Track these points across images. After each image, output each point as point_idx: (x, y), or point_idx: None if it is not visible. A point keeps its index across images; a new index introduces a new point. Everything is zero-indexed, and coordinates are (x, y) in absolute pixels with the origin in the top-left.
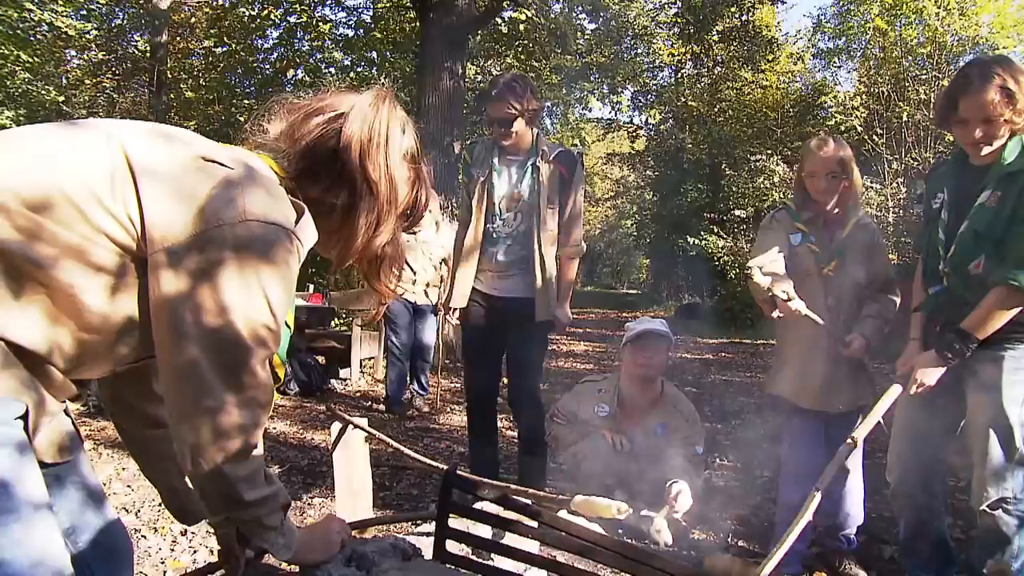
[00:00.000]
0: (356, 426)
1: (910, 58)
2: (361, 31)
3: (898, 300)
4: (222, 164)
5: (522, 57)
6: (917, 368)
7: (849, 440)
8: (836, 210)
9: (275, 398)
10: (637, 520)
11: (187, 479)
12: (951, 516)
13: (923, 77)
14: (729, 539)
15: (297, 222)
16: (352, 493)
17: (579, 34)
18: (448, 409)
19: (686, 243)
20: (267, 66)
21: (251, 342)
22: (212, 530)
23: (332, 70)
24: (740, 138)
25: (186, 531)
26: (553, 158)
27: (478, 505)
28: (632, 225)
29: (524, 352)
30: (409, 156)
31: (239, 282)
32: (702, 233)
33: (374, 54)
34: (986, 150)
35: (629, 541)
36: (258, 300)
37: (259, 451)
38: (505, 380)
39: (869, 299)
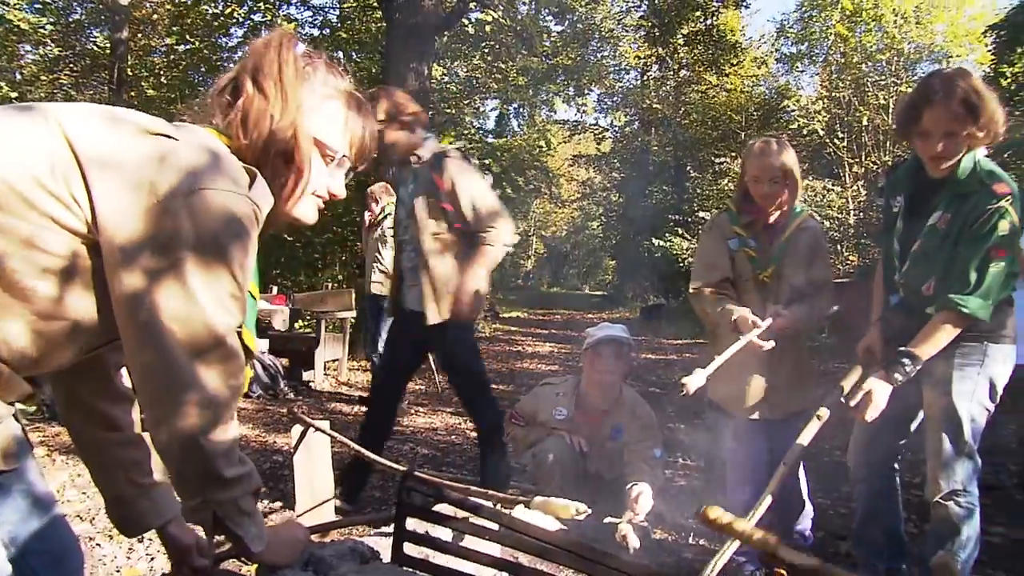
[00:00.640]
0: (318, 429)
1: (869, 64)
2: (327, 31)
3: (832, 305)
4: (169, 136)
5: (488, 58)
6: (872, 391)
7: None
8: (777, 214)
9: (246, 379)
10: (601, 526)
11: (150, 473)
12: (905, 511)
13: (882, 82)
14: (691, 538)
15: (251, 187)
16: (314, 496)
17: (545, 36)
18: (412, 411)
19: (651, 244)
20: (231, 64)
21: (217, 313)
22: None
23: None
24: (705, 140)
25: (143, 538)
26: (426, 162)
27: (440, 507)
28: (598, 227)
29: (444, 356)
30: (332, 94)
31: (199, 254)
32: (667, 235)
33: (340, 54)
34: (945, 164)
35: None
36: (220, 269)
37: (235, 427)
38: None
39: (806, 295)
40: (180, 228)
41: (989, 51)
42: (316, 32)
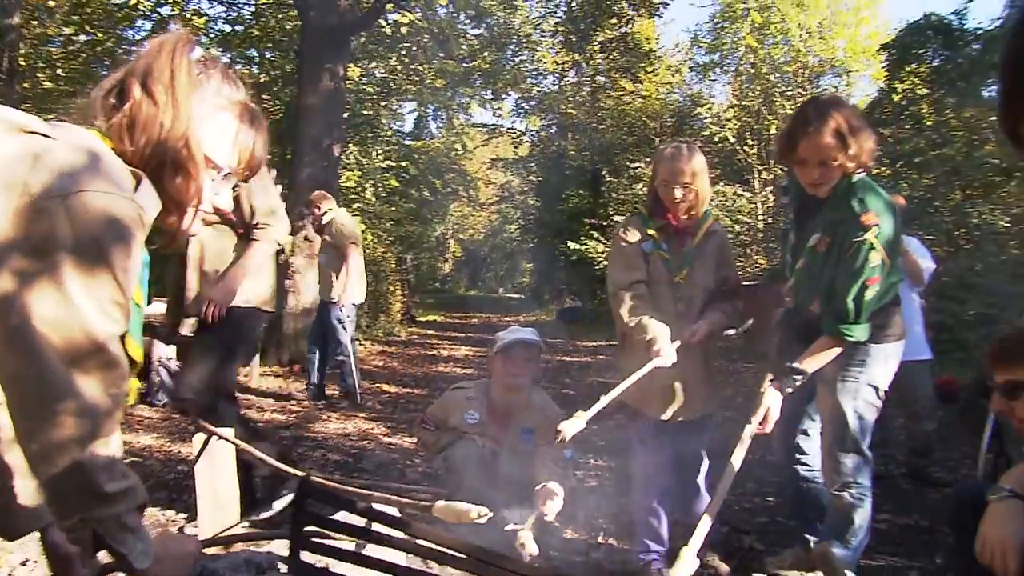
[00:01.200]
0: (221, 437)
1: (777, 75)
2: (239, 27)
3: (741, 305)
4: (45, 135)
5: (405, 60)
6: (768, 408)
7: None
8: (687, 218)
9: (134, 397)
10: (502, 534)
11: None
12: None
13: (789, 93)
14: (600, 537)
15: (136, 191)
16: (217, 507)
17: (462, 39)
18: (325, 416)
19: (567, 248)
20: None
21: (97, 318)
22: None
23: None
24: (621, 145)
25: (27, 561)
26: None
27: (341, 514)
28: (516, 230)
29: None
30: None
31: (78, 257)
32: (583, 238)
33: (253, 52)
34: (823, 189)
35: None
36: (101, 273)
37: (118, 439)
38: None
39: (717, 298)
40: (57, 230)
41: (883, 68)
42: (228, 28)
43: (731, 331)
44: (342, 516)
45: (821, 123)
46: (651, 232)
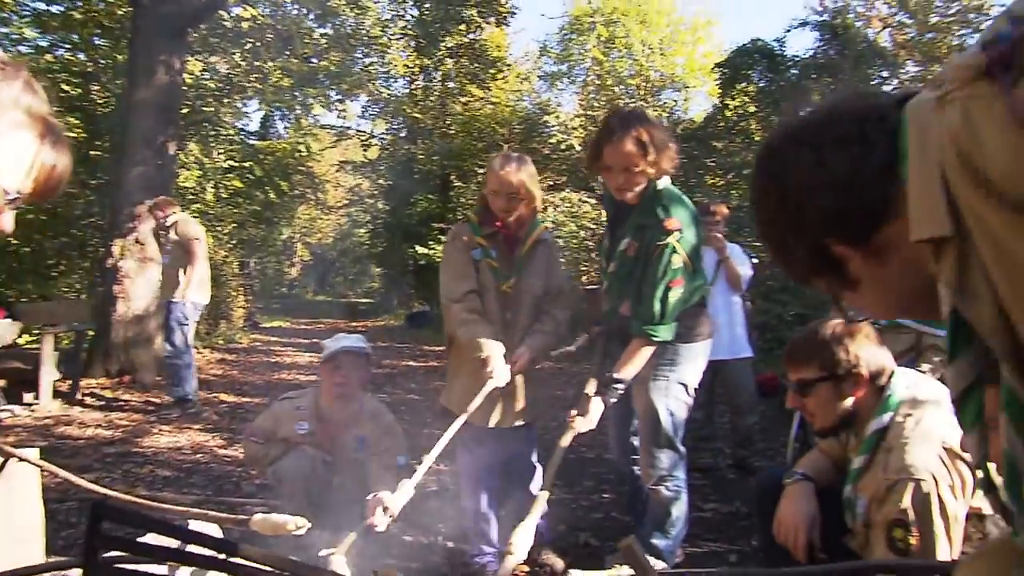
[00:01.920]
0: (21, 459)
1: (622, 87)
2: (61, 7)
3: (569, 312)
4: None
5: (248, 56)
6: (592, 413)
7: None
8: (516, 227)
9: None
10: (316, 559)
11: None
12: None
13: (632, 104)
14: (439, 540)
15: None
16: (17, 538)
17: (307, 38)
18: (156, 430)
19: (416, 252)
20: None
21: None
22: None
23: (22, 49)
24: (470, 151)
25: None
26: None
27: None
28: (365, 234)
29: None
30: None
31: None
32: (431, 243)
33: (76, 37)
34: (629, 195)
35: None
36: None
37: None
38: None
39: (545, 313)
40: None
41: (717, 86)
42: (43, 7)
43: (569, 348)
44: (154, 538)
45: (624, 132)
46: (480, 240)
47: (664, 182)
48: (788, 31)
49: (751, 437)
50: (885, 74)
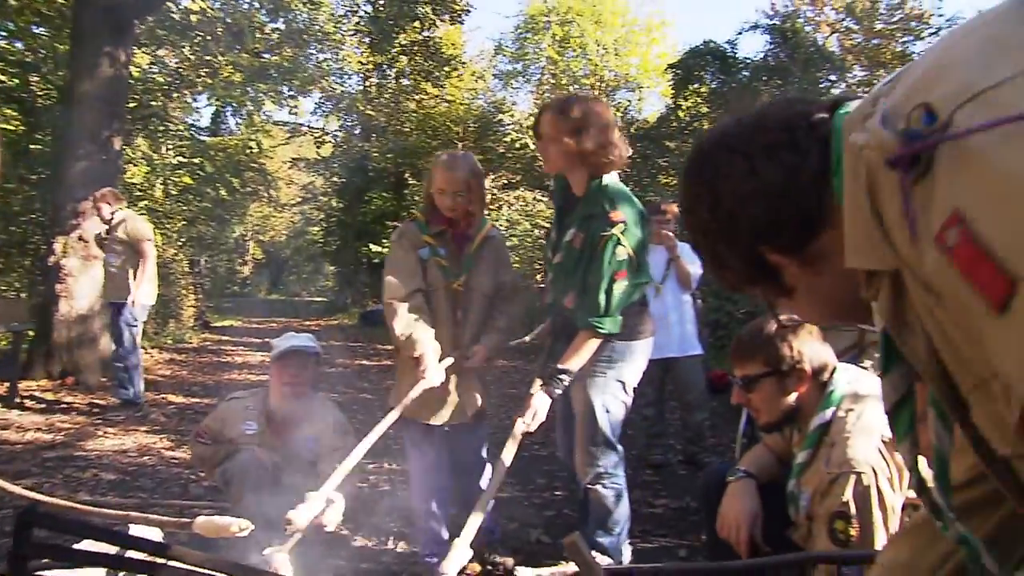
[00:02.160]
0: None
1: (576, 86)
2: None
3: (521, 308)
4: None
5: (198, 50)
6: (536, 409)
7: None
8: (464, 225)
9: None
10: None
11: None
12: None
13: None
14: (390, 541)
15: None
16: None
17: (258, 32)
18: (100, 432)
19: (370, 251)
20: None
21: None
22: None
23: None
24: (424, 149)
25: None
26: None
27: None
28: (319, 232)
29: None
30: None
31: None
32: (385, 241)
33: (10, 25)
34: (547, 167)
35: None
36: None
37: None
38: None
39: (497, 310)
40: None
41: (670, 86)
42: None
43: (524, 339)
44: (91, 545)
45: (557, 105)
46: (427, 239)
47: (611, 177)
48: (740, 34)
49: (701, 433)
50: (833, 78)
